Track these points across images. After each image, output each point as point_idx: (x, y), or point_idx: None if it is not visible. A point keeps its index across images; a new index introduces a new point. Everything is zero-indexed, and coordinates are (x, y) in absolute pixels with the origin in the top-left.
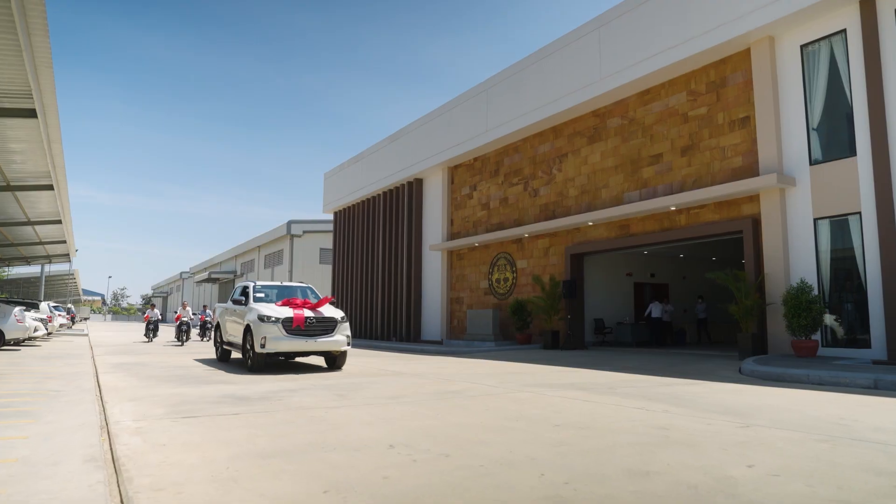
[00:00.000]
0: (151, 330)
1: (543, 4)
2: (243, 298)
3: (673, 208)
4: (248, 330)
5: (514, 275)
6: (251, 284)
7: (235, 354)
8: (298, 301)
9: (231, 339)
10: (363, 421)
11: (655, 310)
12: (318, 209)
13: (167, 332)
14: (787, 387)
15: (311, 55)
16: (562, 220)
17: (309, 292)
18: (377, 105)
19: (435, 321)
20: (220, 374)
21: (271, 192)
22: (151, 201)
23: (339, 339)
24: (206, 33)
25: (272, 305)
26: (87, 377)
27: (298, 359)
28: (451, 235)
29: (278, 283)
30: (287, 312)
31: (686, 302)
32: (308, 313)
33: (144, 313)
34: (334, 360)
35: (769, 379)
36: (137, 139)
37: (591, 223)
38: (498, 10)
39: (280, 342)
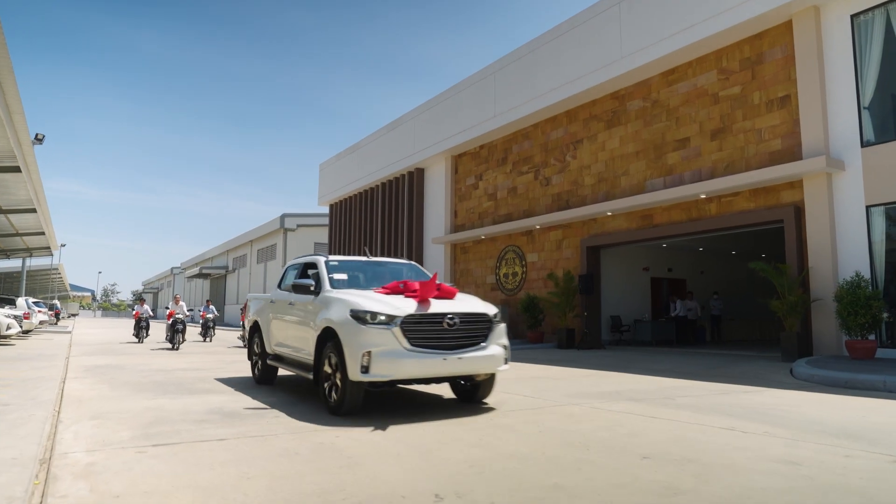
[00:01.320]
0: (143, 328)
1: (543, 3)
2: (311, 283)
3: (703, 196)
4: (327, 337)
5: (524, 269)
6: (322, 259)
7: (284, 371)
8: (412, 285)
9: (285, 350)
10: (388, 452)
11: (680, 307)
12: (313, 205)
13: (159, 330)
14: (863, 395)
15: (306, 51)
16: (577, 210)
17: (414, 273)
18: (372, 101)
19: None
20: (214, 383)
21: (265, 188)
22: (143, 197)
23: (496, 352)
24: (200, 29)
25: (370, 293)
26: (50, 384)
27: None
28: (455, 228)
29: (364, 259)
30: (408, 305)
31: (702, 298)
32: (445, 306)
33: (133, 309)
34: (476, 389)
35: (834, 385)
36: (129, 135)
37: (609, 213)
38: (498, 7)
39: (401, 362)
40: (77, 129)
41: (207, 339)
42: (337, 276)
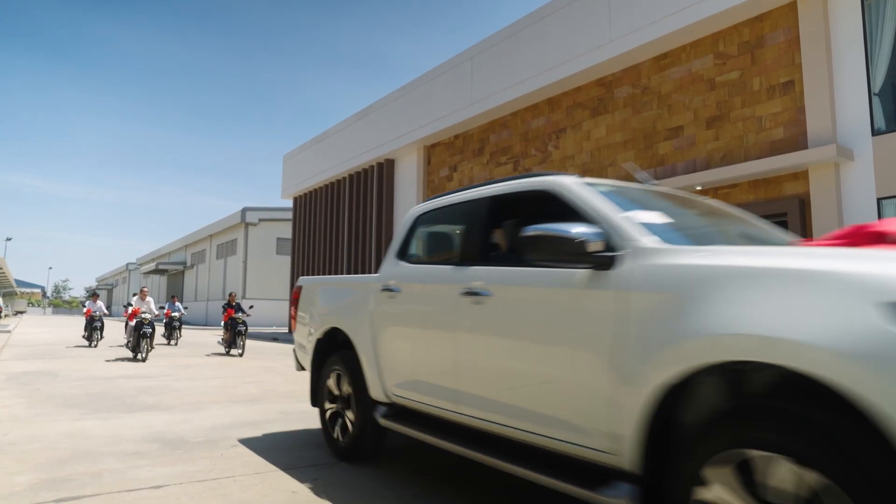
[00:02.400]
0: (95, 329)
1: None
2: (585, 234)
3: (698, 188)
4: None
5: None
6: (578, 184)
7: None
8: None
9: (456, 405)
10: None
11: None
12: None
13: (116, 331)
14: None
15: (272, 46)
16: None
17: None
18: (340, 98)
19: None
20: (155, 395)
21: (229, 184)
22: (100, 191)
23: None
24: (164, 21)
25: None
26: None
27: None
28: None
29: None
30: None
31: None
32: None
33: (84, 306)
34: None
35: None
36: (86, 127)
37: None
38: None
39: None
40: (32, 120)
41: (172, 342)
42: (645, 217)
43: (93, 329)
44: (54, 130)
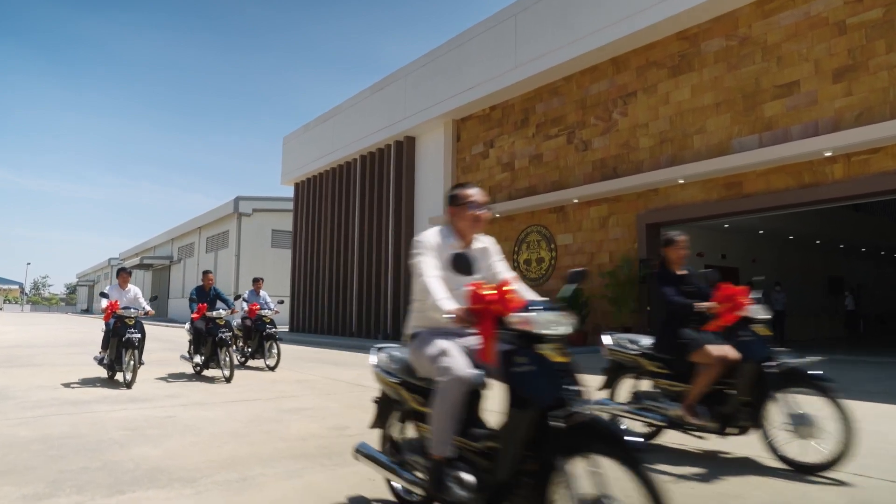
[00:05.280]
0: (131, 345)
1: None
2: None
3: (829, 154)
4: None
5: (553, 254)
6: None
7: None
8: None
9: None
10: None
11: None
12: (271, 191)
13: (165, 348)
14: None
15: (260, 44)
16: (631, 178)
17: None
18: (329, 98)
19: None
20: (157, 444)
21: (213, 181)
22: (81, 187)
23: None
24: (148, 18)
25: None
26: None
27: None
28: None
29: None
30: None
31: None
32: None
33: (105, 299)
34: None
35: None
36: (68, 123)
37: (681, 181)
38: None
39: None
40: (9, 115)
41: (267, 360)
42: None
43: (122, 345)
44: (32, 125)
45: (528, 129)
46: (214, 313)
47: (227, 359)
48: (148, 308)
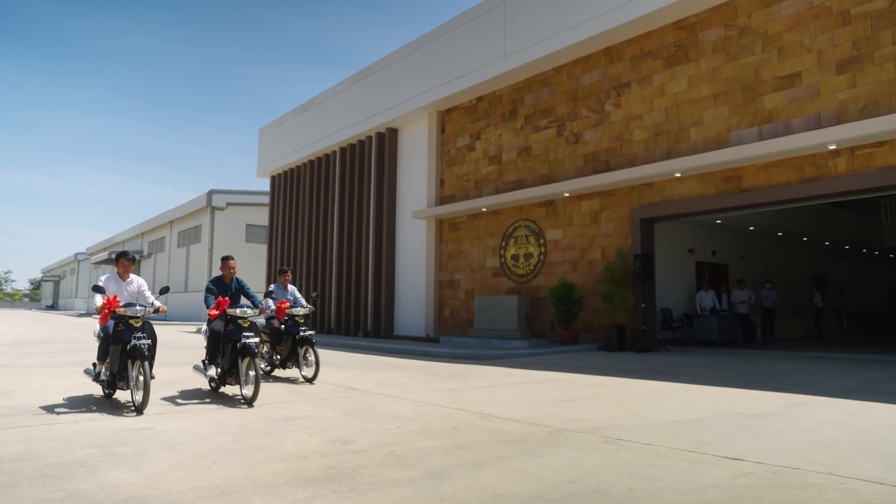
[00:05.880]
0: (139, 352)
1: None
2: None
3: (833, 147)
4: None
5: (542, 249)
6: None
7: None
8: None
9: None
10: None
11: (740, 296)
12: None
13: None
14: None
15: (235, 37)
16: (625, 172)
17: None
18: (303, 89)
19: (416, 312)
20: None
21: (185, 174)
22: (46, 180)
23: None
24: (118, 9)
25: None
26: None
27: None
28: (442, 199)
29: None
30: None
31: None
32: None
33: (99, 294)
34: None
35: None
36: (33, 113)
37: (678, 175)
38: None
39: None
40: None
41: (303, 370)
42: None
43: (127, 355)
44: None
45: (516, 121)
46: (238, 311)
47: (252, 373)
48: (158, 304)
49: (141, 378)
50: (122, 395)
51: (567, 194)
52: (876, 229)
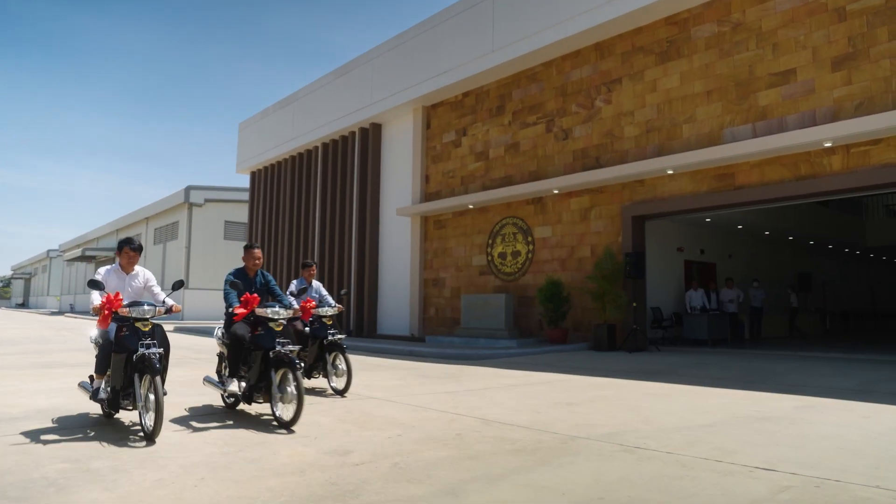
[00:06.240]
0: (151, 363)
1: None
2: None
3: (828, 144)
4: None
5: (530, 247)
6: None
7: None
8: None
9: None
10: None
11: (728, 295)
12: (224, 181)
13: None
14: None
15: (213, 30)
16: (616, 168)
17: None
18: (283, 86)
19: (400, 311)
20: None
21: (162, 170)
22: (16, 175)
23: None
24: (94, 4)
25: None
26: None
27: None
28: (427, 196)
29: None
30: None
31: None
32: None
33: (96, 291)
34: None
35: None
36: (7, 109)
37: (670, 172)
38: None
39: None
40: None
41: (332, 380)
42: None
43: (134, 368)
44: None
45: (503, 117)
46: (269, 311)
47: (290, 389)
48: (171, 302)
49: (152, 397)
50: (126, 415)
51: (556, 191)
52: (858, 229)
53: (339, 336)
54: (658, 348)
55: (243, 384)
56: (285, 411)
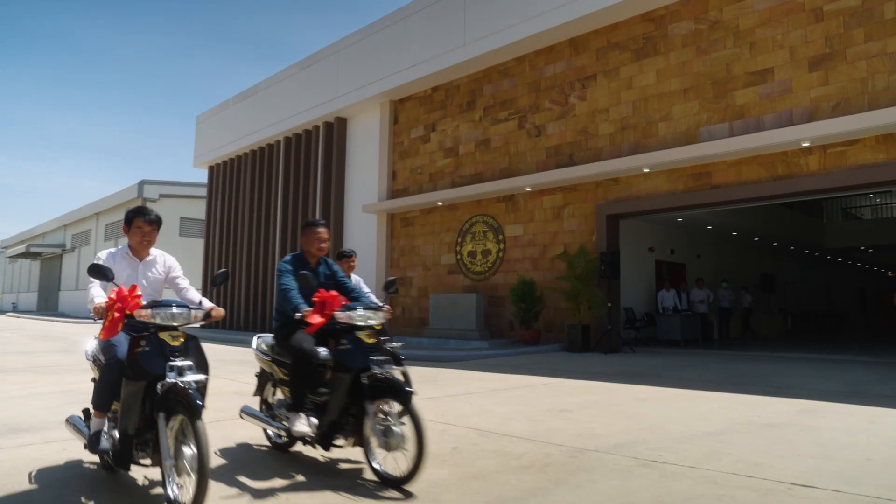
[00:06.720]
0: (169, 408)
1: None
2: None
3: (806, 144)
4: None
5: (501, 246)
6: None
7: None
8: None
9: None
10: None
11: (699, 295)
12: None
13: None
14: None
15: (168, 21)
16: (590, 166)
17: None
18: (241, 80)
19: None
20: None
21: (113, 165)
22: None
23: None
24: None
25: None
26: None
27: None
28: (394, 193)
29: None
30: None
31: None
32: None
33: (97, 283)
34: None
35: None
36: None
37: (646, 170)
38: None
39: None
40: None
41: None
42: None
43: (158, 405)
44: None
45: (474, 112)
46: (357, 315)
47: (401, 430)
48: (209, 304)
49: (190, 451)
50: (139, 472)
51: (528, 189)
52: (818, 231)
53: (394, 344)
54: (633, 349)
55: (314, 419)
56: (391, 461)
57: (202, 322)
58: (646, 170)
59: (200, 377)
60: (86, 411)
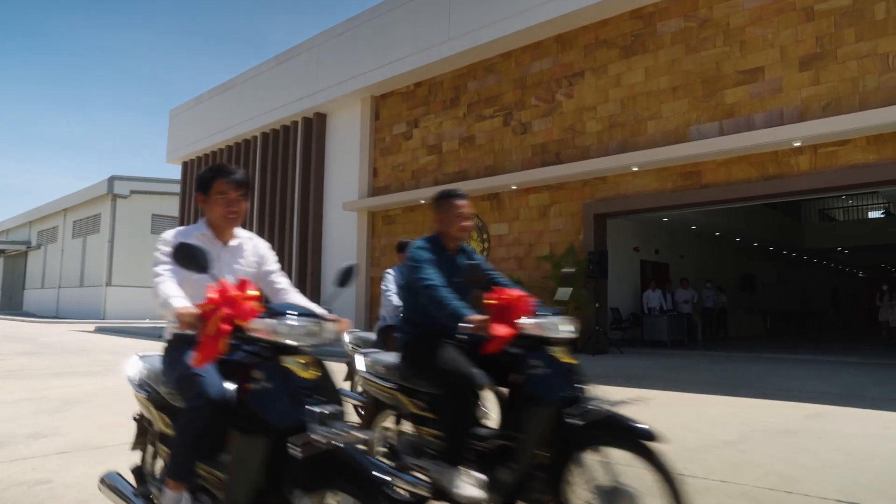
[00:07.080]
0: (306, 479)
1: None
2: None
3: (797, 144)
4: None
5: (486, 245)
6: None
7: None
8: None
9: None
10: None
11: (683, 296)
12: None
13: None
14: None
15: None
16: (577, 164)
17: None
18: (214, 76)
19: (345, 311)
20: None
21: (81, 160)
22: None
23: None
24: None
25: None
26: None
27: None
28: (375, 190)
29: None
30: None
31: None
32: None
33: (160, 283)
34: None
35: None
36: None
37: (635, 169)
38: None
39: None
40: None
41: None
42: None
43: (293, 471)
44: None
45: (458, 109)
46: (546, 323)
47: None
48: (320, 311)
49: None
50: None
51: (514, 187)
52: (796, 232)
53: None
54: (620, 350)
55: (481, 476)
56: None
57: (330, 339)
58: (634, 168)
59: (363, 436)
60: (137, 471)
